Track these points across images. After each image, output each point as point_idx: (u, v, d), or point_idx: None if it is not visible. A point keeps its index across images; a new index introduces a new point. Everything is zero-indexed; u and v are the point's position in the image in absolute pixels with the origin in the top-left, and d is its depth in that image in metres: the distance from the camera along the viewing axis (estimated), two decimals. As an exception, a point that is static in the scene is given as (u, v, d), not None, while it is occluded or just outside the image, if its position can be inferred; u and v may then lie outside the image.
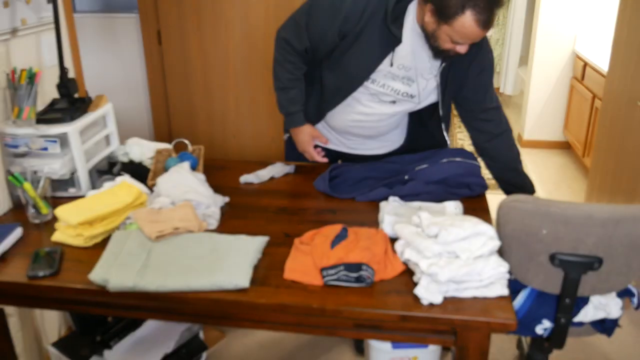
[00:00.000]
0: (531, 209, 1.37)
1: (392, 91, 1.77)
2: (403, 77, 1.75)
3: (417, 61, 1.72)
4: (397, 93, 1.78)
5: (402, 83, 1.76)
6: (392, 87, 1.76)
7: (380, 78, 1.75)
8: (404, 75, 1.74)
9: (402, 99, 1.79)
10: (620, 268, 1.41)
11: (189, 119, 3.27)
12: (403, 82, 1.76)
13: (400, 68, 1.73)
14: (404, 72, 1.74)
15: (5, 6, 1.81)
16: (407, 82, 1.76)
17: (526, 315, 1.55)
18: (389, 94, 1.78)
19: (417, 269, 1.31)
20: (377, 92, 1.78)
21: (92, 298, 1.39)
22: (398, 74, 1.74)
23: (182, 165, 1.76)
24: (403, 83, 1.76)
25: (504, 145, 1.88)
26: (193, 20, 3.03)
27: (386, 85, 1.76)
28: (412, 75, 1.74)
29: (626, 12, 2.75)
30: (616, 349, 2.29)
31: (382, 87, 1.77)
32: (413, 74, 1.74)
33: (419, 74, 1.74)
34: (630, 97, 2.66)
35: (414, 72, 1.74)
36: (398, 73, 1.74)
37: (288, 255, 1.41)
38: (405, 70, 1.73)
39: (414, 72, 1.73)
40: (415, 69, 1.73)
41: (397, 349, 1.85)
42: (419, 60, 1.72)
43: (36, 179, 1.65)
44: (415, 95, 1.78)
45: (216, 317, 1.39)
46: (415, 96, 1.78)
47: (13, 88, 1.73)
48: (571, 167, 4.23)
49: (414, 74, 1.74)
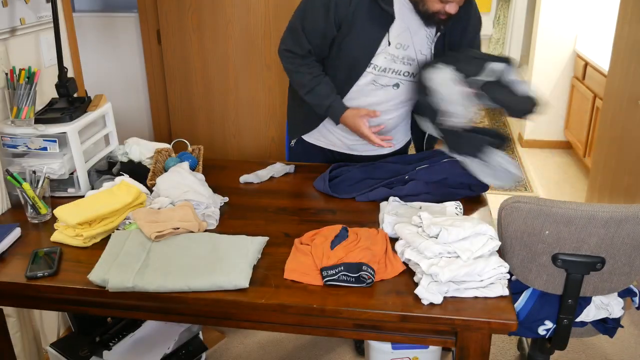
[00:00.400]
0: (533, 209, 1.37)
1: (394, 74, 1.78)
2: (403, 57, 1.76)
3: (413, 37, 1.74)
4: (399, 74, 1.78)
5: (403, 63, 1.77)
6: (393, 69, 1.77)
7: (381, 62, 1.76)
8: (404, 55, 1.76)
9: (405, 79, 1.80)
10: (622, 268, 1.41)
11: (188, 119, 3.27)
12: (404, 62, 1.77)
13: (399, 47, 1.74)
14: (402, 52, 1.75)
15: (4, 5, 1.80)
16: (408, 61, 1.77)
17: (528, 316, 1.54)
18: (392, 77, 1.78)
19: (418, 269, 1.30)
20: (379, 77, 1.78)
21: (91, 298, 1.38)
22: (398, 55, 1.75)
23: (182, 165, 1.76)
24: (404, 63, 1.77)
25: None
26: (193, 19, 3.02)
27: (388, 69, 1.77)
28: (411, 53, 1.75)
29: (627, 12, 2.74)
30: (617, 350, 2.29)
31: (384, 72, 1.77)
32: (412, 52, 1.75)
33: (418, 50, 1.76)
34: (631, 96, 2.65)
35: (412, 50, 1.75)
36: (397, 53, 1.75)
37: (288, 255, 1.41)
38: (403, 49, 1.75)
39: (412, 49, 1.75)
40: (413, 45, 1.74)
41: (397, 350, 1.85)
42: (415, 36, 1.74)
43: (35, 179, 1.64)
44: (416, 73, 1.79)
45: (216, 318, 1.38)
46: (417, 74, 1.79)
47: (12, 88, 1.72)
48: (572, 167, 4.22)
49: (412, 51, 1.75)
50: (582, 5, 4.18)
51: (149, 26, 3.13)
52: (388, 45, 1.73)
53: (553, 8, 4.21)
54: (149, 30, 3.14)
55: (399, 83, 1.80)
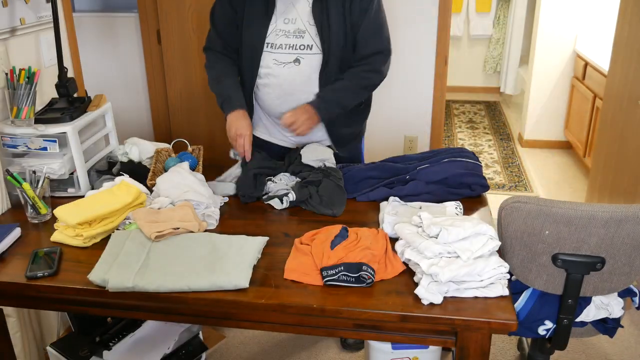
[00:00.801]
0: (533, 209, 1.37)
1: (289, 48, 1.81)
2: (294, 31, 1.80)
3: (297, 7, 1.78)
4: (294, 48, 1.81)
5: (295, 37, 1.80)
6: (288, 44, 1.81)
7: (276, 40, 1.81)
8: (294, 29, 1.80)
9: (302, 52, 1.81)
10: (622, 268, 1.41)
11: (188, 119, 3.27)
12: (295, 35, 1.80)
13: (287, 22, 1.79)
14: (292, 26, 1.80)
15: (4, 5, 1.80)
16: (299, 34, 1.80)
17: (528, 316, 1.54)
18: (289, 53, 1.81)
19: (418, 269, 1.30)
20: (278, 55, 1.82)
21: (91, 298, 1.38)
22: (289, 29, 1.80)
23: (182, 165, 1.75)
24: (296, 37, 1.80)
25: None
26: (193, 19, 3.02)
27: (284, 45, 1.81)
28: (300, 25, 1.79)
29: (627, 12, 2.74)
30: (617, 350, 2.29)
31: (280, 49, 1.82)
32: (300, 24, 1.79)
33: (306, 21, 1.79)
34: (631, 96, 2.65)
35: (300, 22, 1.79)
36: (288, 28, 1.80)
37: (288, 255, 1.41)
38: (292, 22, 1.79)
39: (300, 21, 1.79)
40: (299, 17, 1.78)
41: (397, 350, 1.85)
42: (297, 5, 1.78)
43: (35, 179, 1.64)
44: (312, 45, 1.80)
45: (216, 318, 1.38)
46: (312, 45, 1.80)
47: (12, 88, 1.73)
48: (572, 167, 4.22)
49: (301, 23, 1.79)
50: (582, 5, 4.17)
51: (149, 26, 3.13)
52: (276, 22, 1.79)
53: (553, 8, 4.21)
54: (149, 30, 3.14)
55: (298, 58, 1.82)
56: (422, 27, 2.99)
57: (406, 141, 3.23)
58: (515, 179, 3.99)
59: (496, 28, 6.01)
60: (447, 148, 1.86)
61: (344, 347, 2.30)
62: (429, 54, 3.04)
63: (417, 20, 2.98)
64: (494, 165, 4.26)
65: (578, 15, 4.20)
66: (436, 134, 3.19)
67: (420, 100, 3.14)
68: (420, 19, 2.97)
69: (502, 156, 4.44)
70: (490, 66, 6.17)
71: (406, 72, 3.07)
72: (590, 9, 4.17)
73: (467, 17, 6.05)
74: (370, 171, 1.81)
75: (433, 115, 3.16)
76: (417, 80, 3.09)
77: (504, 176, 4.03)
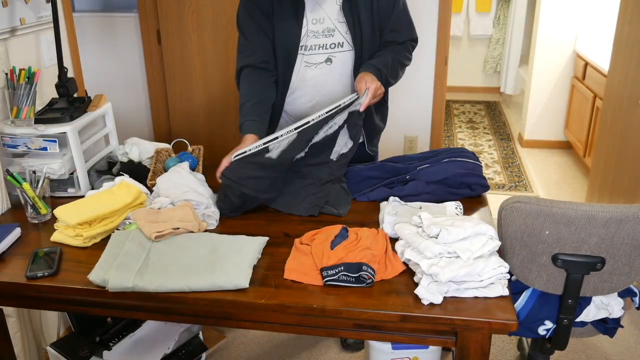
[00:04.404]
0: (533, 209, 1.37)
1: (320, 49, 1.81)
2: (323, 30, 1.79)
3: (325, 7, 1.78)
4: (325, 48, 1.81)
5: (325, 36, 1.80)
6: (318, 44, 1.81)
7: (308, 42, 1.80)
8: (323, 29, 1.79)
9: (333, 51, 1.82)
10: (622, 268, 1.41)
11: (188, 119, 3.27)
12: (325, 35, 1.80)
13: (315, 23, 1.79)
14: (320, 26, 1.79)
15: (4, 5, 1.80)
16: (329, 33, 1.80)
17: (528, 316, 1.54)
18: (321, 54, 1.82)
19: (418, 269, 1.30)
20: (310, 57, 1.82)
21: (91, 298, 1.38)
22: (318, 30, 1.79)
23: (182, 165, 1.75)
24: (325, 36, 1.80)
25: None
26: (193, 19, 3.02)
27: (316, 46, 1.81)
28: (329, 25, 1.79)
29: (627, 12, 2.74)
30: (617, 350, 2.29)
31: (311, 50, 1.81)
32: (329, 23, 1.79)
33: (334, 20, 1.79)
34: (631, 96, 2.65)
35: (329, 21, 1.79)
36: (316, 28, 1.79)
37: (288, 255, 1.41)
38: (320, 22, 1.79)
39: (328, 20, 1.79)
40: (327, 16, 1.78)
41: (397, 350, 1.85)
42: (325, 5, 1.78)
43: (35, 179, 1.64)
44: (343, 42, 1.81)
45: (216, 318, 1.38)
46: (343, 43, 1.81)
47: (12, 88, 1.73)
48: (572, 167, 4.22)
49: (329, 22, 1.79)
50: (582, 5, 4.18)
51: (149, 26, 3.14)
52: (307, 24, 1.78)
53: (553, 8, 4.21)
54: (149, 30, 3.15)
55: (330, 57, 1.83)
56: (422, 27, 2.99)
57: (406, 141, 3.24)
58: (515, 179, 3.99)
59: (496, 28, 6.01)
60: (447, 148, 1.86)
61: (344, 347, 2.30)
62: (429, 53, 3.04)
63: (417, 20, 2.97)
64: (494, 165, 4.26)
65: (578, 15, 4.20)
66: (436, 134, 3.20)
67: (421, 100, 3.14)
68: (420, 19, 2.97)
69: (502, 156, 4.44)
70: (490, 66, 6.18)
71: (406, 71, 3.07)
72: (590, 9, 4.17)
73: (467, 17, 6.05)
74: (370, 171, 1.81)
75: (433, 115, 3.16)
76: (417, 80, 3.10)
77: (504, 176, 4.03)
